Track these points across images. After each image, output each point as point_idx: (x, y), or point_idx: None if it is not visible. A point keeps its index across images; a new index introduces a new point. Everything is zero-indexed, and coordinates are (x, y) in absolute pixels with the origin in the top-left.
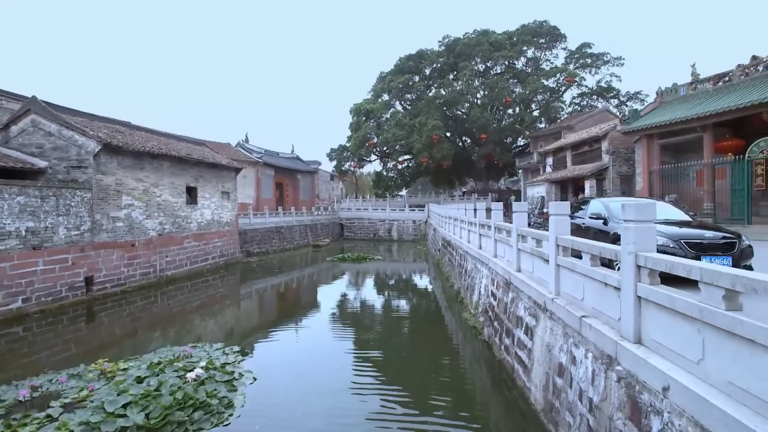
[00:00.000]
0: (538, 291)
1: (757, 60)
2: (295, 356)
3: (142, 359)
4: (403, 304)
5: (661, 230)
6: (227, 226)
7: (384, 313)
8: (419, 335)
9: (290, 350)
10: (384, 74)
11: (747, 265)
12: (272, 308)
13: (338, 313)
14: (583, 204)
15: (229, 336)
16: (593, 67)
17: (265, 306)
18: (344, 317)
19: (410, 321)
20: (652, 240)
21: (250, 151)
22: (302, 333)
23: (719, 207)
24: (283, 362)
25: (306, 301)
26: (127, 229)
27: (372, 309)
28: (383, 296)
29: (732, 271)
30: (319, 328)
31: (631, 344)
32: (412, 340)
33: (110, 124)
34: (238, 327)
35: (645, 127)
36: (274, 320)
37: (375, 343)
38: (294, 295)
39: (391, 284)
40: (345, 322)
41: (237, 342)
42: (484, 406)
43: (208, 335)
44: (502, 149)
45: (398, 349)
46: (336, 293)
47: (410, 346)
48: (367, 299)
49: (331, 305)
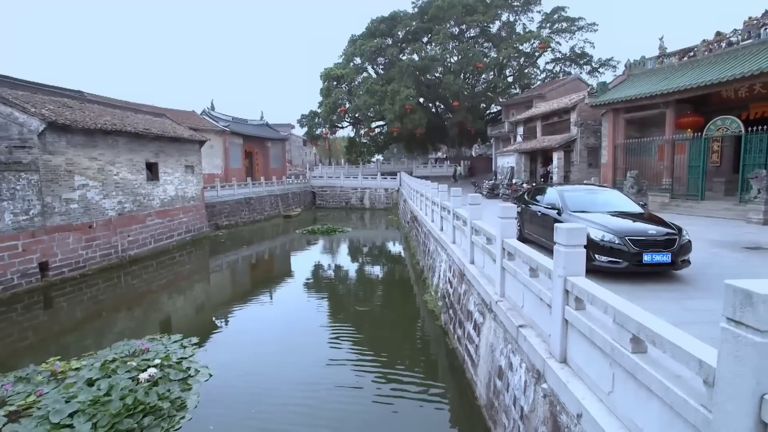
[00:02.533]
0: (486, 290)
1: (721, 36)
2: (258, 339)
3: (96, 356)
4: (372, 279)
5: (609, 226)
6: (193, 201)
7: (353, 288)
8: (387, 317)
9: (254, 332)
10: (355, 37)
11: (685, 260)
12: (237, 285)
13: (305, 289)
14: (541, 192)
15: (191, 320)
16: (567, 32)
17: (230, 283)
18: (311, 293)
19: (380, 296)
20: (581, 264)
21: (217, 120)
22: (266, 312)
23: (677, 182)
24: (245, 349)
25: (272, 276)
26: (83, 211)
27: (340, 284)
28: (353, 270)
29: (639, 317)
30: (284, 306)
31: (557, 364)
32: (381, 320)
33: (58, 97)
34: (200, 310)
35: (611, 101)
36: (238, 298)
37: (343, 320)
38: (260, 271)
39: (361, 258)
40: (311, 299)
41: (198, 328)
42: (441, 394)
43: (168, 321)
44: (474, 116)
45: (368, 329)
46: (303, 268)
47: (379, 327)
48: (335, 274)
49: (298, 280)
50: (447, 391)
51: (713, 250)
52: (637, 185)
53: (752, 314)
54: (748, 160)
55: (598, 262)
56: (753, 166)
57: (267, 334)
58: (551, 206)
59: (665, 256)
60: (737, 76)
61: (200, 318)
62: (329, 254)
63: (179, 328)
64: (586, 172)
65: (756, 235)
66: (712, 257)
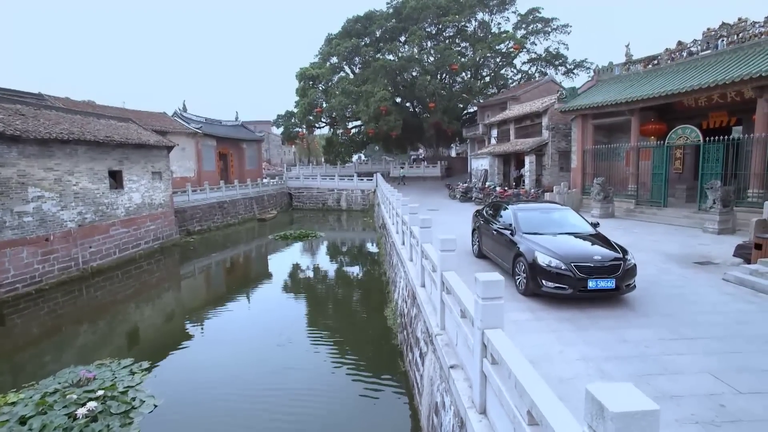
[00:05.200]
0: (430, 319)
1: (682, 46)
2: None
3: (38, 387)
4: (340, 291)
5: (556, 251)
6: (161, 208)
7: (319, 301)
8: (350, 334)
9: (210, 352)
10: (332, 36)
11: (630, 285)
12: (198, 298)
13: (267, 301)
14: (499, 209)
15: (147, 338)
16: (542, 33)
17: (193, 295)
18: (272, 306)
19: (344, 310)
20: (500, 316)
21: (188, 121)
22: (225, 328)
23: (642, 187)
24: (199, 372)
25: (236, 287)
26: (39, 224)
27: (306, 295)
28: (321, 281)
29: (534, 393)
30: (243, 321)
31: (476, 415)
32: (343, 337)
33: (11, 104)
34: (158, 326)
35: (579, 107)
36: (198, 311)
37: (304, 339)
38: (224, 281)
39: (332, 266)
40: (272, 311)
41: (153, 348)
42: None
43: (122, 340)
44: (450, 117)
45: (328, 347)
46: (269, 277)
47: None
48: (302, 284)
49: (262, 292)
50: (398, 417)
51: (664, 266)
52: (604, 192)
53: (603, 428)
54: (706, 169)
55: (545, 288)
56: (711, 176)
57: (224, 353)
58: (506, 226)
59: (609, 282)
60: (695, 87)
61: (157, 335)
62: (298, 262)
63: (133, 347)
64: (558, 176)
65: (709, 247)
66: (661, 274)
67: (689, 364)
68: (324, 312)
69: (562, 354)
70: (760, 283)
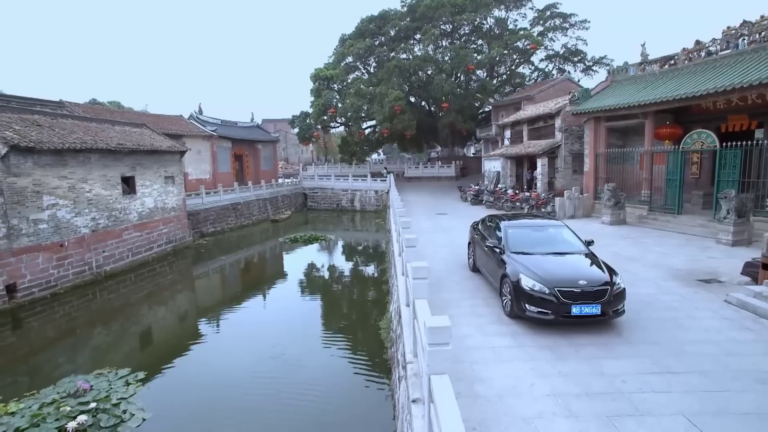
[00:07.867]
0: (408, 343)
1: (700, 45)
2: (210, 372)
3: (38, 396)
4: (343, 297)
5: (541, 274)
6: (174, 212)
7: (320, 306)
8: (346, 345)
9: (208, 363)
10: (345, 37)
11: (617, 310)
12: (206, 302)
13: (273, 308)
14: (493, 223)
15: (151, 346)
16: (560, 29)
17: (200, 299)
18: (277, 314)
19: (345, 318)
20: (446, 363)
21: (204, 123)
22: (226, 336)
23: (657, 192)
24: (194, 385)
25: (241, 292)
26: (54, 230)
27: (311, 301)
28: (327, 284)
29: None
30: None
31: None
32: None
33: (28, 114)
34: (161, 333)
35: (591, 110)
36: (203, 315)
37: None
38: (232, 285)
39: (338, 271)
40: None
41: (153, 357)
42: None
43: (125, 347)
44: (465, 117)
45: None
46: (277, 283)
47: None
48: (309, 289)
49: (268, 298)
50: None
51: (664, 284)
52: (614, 198)
53: None
54: (723, 175)
55: (529, 313)
56: (728, 183)
57: (218, 362)
58: (497, 243)
59: (595, 308)
60: (710, 91)
61: (159, 341)
62: (304, 267)
63: (134, 355)
64: (571, 179)
65: (718, 261)
66: (658, 293)
67: (664, 404)
68: (322, 321)
69: (532, 388)
70: (763, 308)
